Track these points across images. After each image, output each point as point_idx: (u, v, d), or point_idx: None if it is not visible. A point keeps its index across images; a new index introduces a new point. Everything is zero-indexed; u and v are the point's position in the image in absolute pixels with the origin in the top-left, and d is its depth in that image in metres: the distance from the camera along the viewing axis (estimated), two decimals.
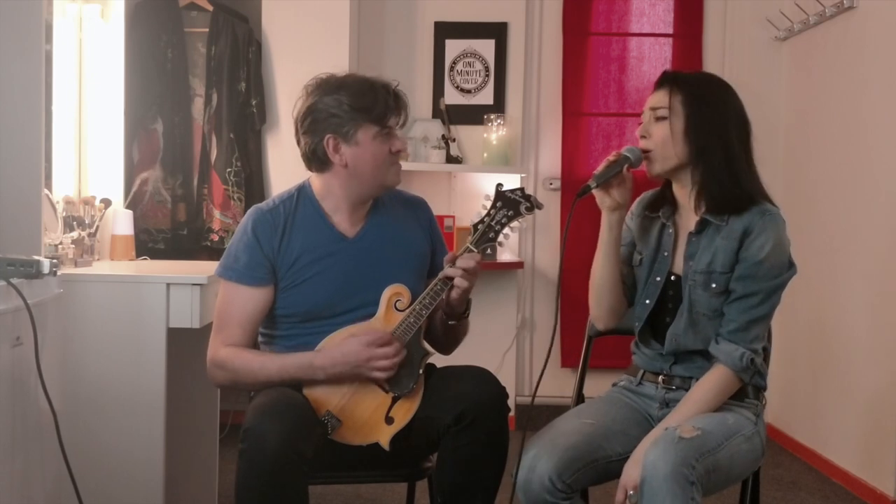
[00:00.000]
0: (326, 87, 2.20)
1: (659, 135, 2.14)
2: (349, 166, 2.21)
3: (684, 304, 2.17)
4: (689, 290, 2.15)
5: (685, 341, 2.18)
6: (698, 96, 2.14)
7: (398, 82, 2.28)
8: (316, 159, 2.23)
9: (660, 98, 2.16)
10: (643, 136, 2.17)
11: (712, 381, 2.13)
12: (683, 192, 2.19)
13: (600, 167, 2.17)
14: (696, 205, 2.17)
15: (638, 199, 2.32)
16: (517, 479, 2.06)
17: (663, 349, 2.21)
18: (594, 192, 2.18)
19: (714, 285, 2.13)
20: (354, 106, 2.17)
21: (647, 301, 2.24)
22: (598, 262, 2.26)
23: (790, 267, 2.14)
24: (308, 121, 2.21)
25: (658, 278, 2.22)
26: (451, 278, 2.15)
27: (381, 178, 2.24)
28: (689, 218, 2.20)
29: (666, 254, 2.21)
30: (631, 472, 2.01)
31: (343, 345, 2.15)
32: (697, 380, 2.17)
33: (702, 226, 2.15)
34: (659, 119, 2.15)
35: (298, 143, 2.27)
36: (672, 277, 2.21)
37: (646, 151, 2.17)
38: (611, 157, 2.17)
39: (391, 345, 2.14)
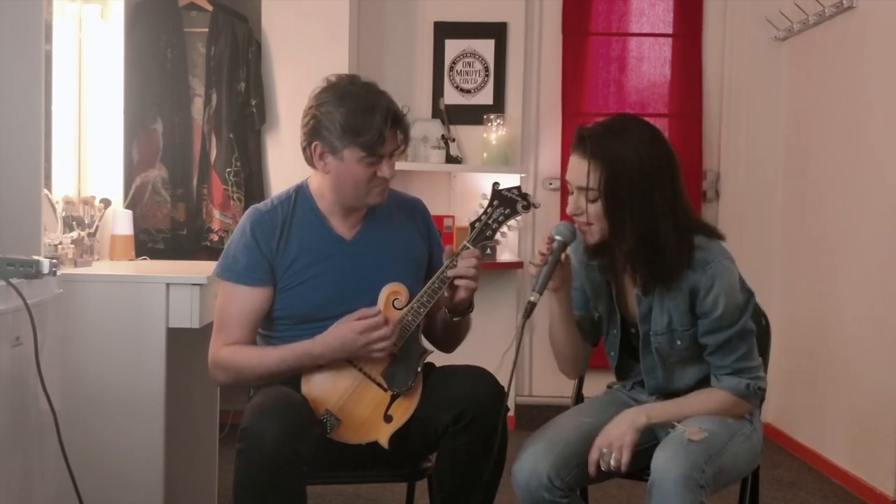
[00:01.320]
0: (331, 94, 2.18)
1: (592, 213, 2.06)
2: (332, 175, 2.20)
3: (655, 359, 2.17)
4: (656, 350, 2.16)
5: (669, 387, 2.20)
6: (617, 165, 2.02)
7: (408, 108, 2.23)
8: (307, 157, 2.24)
9: (580, 173, 2.05)
10: (576, 215, 2.09)
11: (718, 400, 2.12)
12: (616, 251, 2.14)
13: (538, 270, 2.10)
14: (630, 270, 2.13)
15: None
16: (515, 476, 2.06)
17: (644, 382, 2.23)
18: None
19: (679, 342, 2.13)
20: (345, 126, 2.14)
21: (613, 353, 2.27)
22: (552, 327, 2.25)
23: (749, 299, 2.12)
24: (306, 120, 2.21)
25: (614, 331, 2.24)
26: (450, 278, 2.15)
27: (362, 198, 2.22)
28: (627, 270, 2.16)
29: (617, 308, 2.22)
30: (611, 431, 2.03)
31: (337, 331, 2.14)
32: (687, 387, 2.18)
33: (647, 288, 2.12)
34: (591, 201, 2.06)
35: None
36: (632, 329, 2.21)
37: (583, 223, 2.10)
38: (543, 250, 2.11)
39: (385, 325, 2.13)
